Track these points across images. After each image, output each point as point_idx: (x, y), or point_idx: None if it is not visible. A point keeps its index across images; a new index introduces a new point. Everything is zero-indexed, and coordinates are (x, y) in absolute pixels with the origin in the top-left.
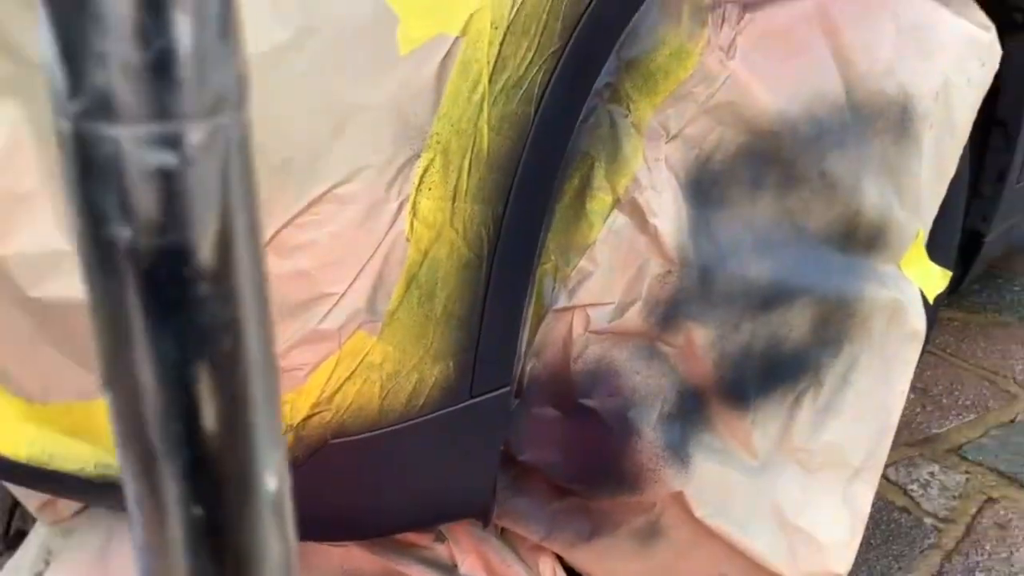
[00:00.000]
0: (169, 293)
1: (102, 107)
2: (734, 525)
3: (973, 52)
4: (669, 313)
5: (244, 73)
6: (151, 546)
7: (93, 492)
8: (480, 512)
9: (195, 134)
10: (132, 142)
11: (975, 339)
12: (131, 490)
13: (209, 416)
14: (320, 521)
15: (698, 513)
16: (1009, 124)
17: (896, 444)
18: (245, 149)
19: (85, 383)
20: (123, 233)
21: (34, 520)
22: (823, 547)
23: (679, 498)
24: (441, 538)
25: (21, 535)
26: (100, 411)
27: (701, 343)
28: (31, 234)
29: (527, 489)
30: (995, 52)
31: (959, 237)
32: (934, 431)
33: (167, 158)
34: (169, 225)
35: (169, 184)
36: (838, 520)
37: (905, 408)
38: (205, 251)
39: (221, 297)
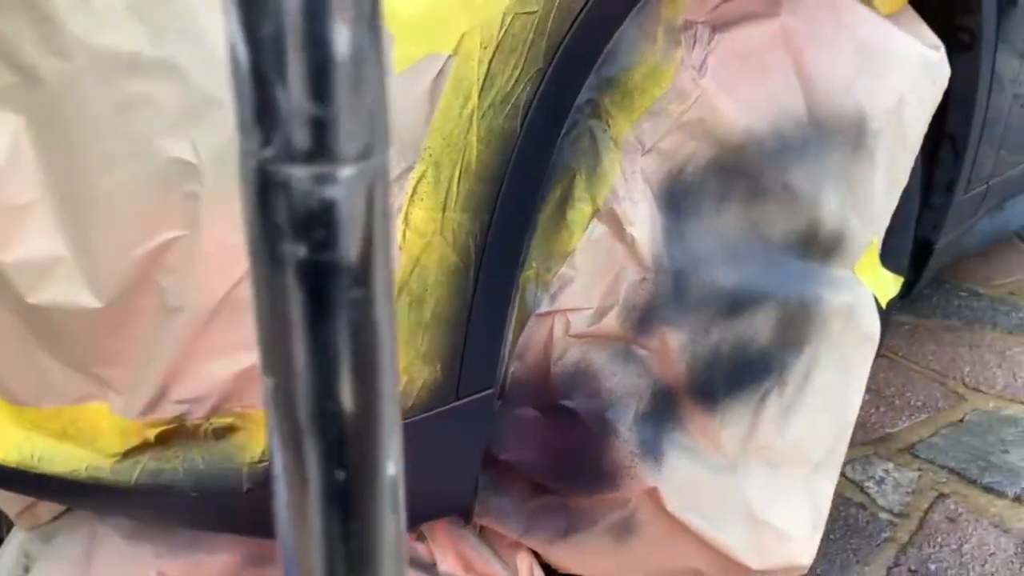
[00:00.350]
0: (326, 297)
1: (286, 154)
2: (705, 520)
3: (925, 71)
4: (645, 318)
5: (387, 126)
6: (292, 507)
7: (82, 494)
8: (462, 510)
9: (350, 172)
10: (306, 180)
11: (925, 342)
12: (279, 459)
13: (349, 401)
14: None
15: (671, 508)
16: (957, 138)
17: (852, 443)
18: (385, 182)
19: (78, 387)
20: (293, 250)
21: (9, 527)
22: (789, 540)
23: (653, 494)
24: (421, 537)
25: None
26: (92, 415)
27: (674, 346)
28: (31, 242)
29: (505, 488)
30: (944, 70)
31: (911, 245)
32: (888, 430)
33: (330, 191)
34: (329, 243)
35: (330, 212)
36: (802, 514)
37: (860, 409)
38: (354, 263)
39: (365, 301)
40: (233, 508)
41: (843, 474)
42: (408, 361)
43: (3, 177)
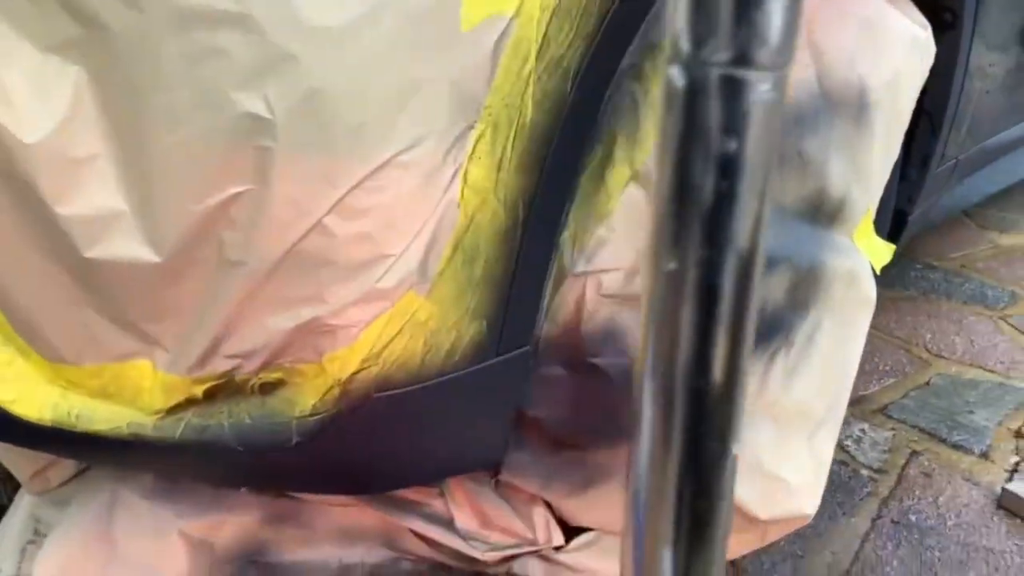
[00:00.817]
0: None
1: (730, 59)
2: None
3: (915, 48)
4: None
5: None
6: (653, 467)
7: (122, 452)
8: (492, 462)
9: (773, 78)
10: (747, 82)
11: (888, 312)
12: (648, 424)
13: (719, 378)
14: (360, 473)
15: None
16: (934, 114)
17: None
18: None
19: (122, 344)
20: (727, 145)
21: (11, 493)
22: (794, 492)
23: None
24: (437, 495)
25: None
26: (134, 372)
27: None
28: (90, 196)
29: (527, 443)
30: (931, 49)
31: (889, 215)
32: (861, 393)
33: (757, 95)
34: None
35: (750, 115)
36: (806, 467)
37: None
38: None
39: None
40: (279, 463)
41: None
42: (457, 318)
43: (64, 130)
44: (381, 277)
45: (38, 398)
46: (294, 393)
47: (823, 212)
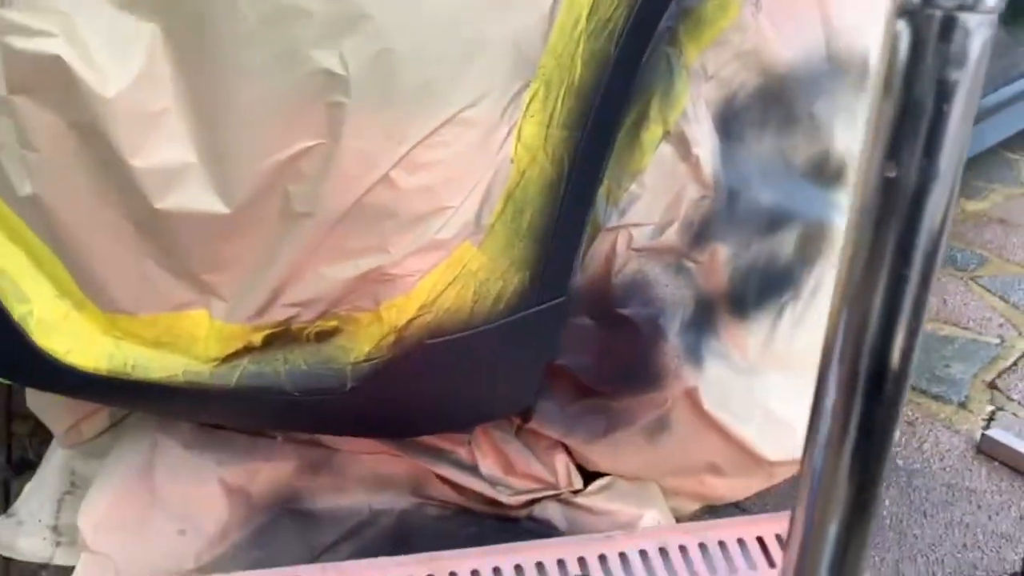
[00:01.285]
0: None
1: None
2: (733, 417)
3: None
4: (700, 233)
5: None
6: (830, 439)
7: (176, 400)
8: (524, 408)
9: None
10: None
11: None
12: (831, 399)
13: (896, 358)
14: (407, 416)
15: (706, 406)
16: None
17: None
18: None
19: (180, 295)
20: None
21: (36, 449)
22: (800, 435)
23: (693, 393)
24: (463, 442)
25: (25, 463)
26: (189, 322)
27: (723, 258)
28: (162, 149)
29: (551, 392)
30: None
31: None
32: None
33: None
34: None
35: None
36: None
37: None
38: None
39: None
40: (331, 407)
41: None
42: (504, 268)
43: (140, 85)
44: (440, 228)
45: (93, 349)
46: (349, 340)
47: (827, 172)
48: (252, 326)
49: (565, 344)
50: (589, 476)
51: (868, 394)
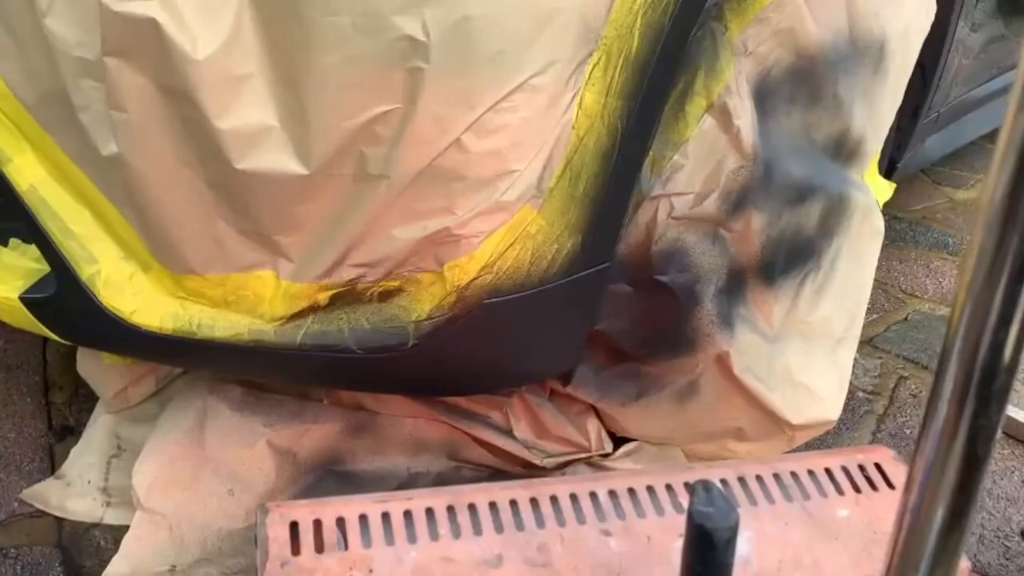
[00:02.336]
0: None
1: None
2: (759, 382)
3: (924, 4)
4: (738, 202)
5: None
6: (943, 432)
7: (240, 358)
8: (567, 370)
9: None
10: None
11: None
12: (943, 398)
13: (1007, 360)
14: (462, 375)
15: (736, 370)
16: (927, 66)
17: None
18: None
19: (249, 255)
20: None
21: (76, 416)
22: (821, 399)
23: (724, 358)
24: (497, 407)
25: (67, 429)
26: (255, 282)
27: (756, 227)
28: (246, 111)
29: (588, 356)
30: (934, 3)
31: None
32: None
33: None
34: None
35: None
36: (830, 378)
37: None
38: None
39: None
40: (392, 365)
41: None
42: (560, 231)
43: (227, 49)
44: (505, 191)
45: (159, 309)
46: (411, 300)
47: (844, 150)
48: (318, 286)
49: (604, 310)
50: (617, 442)
51: (980, 389)
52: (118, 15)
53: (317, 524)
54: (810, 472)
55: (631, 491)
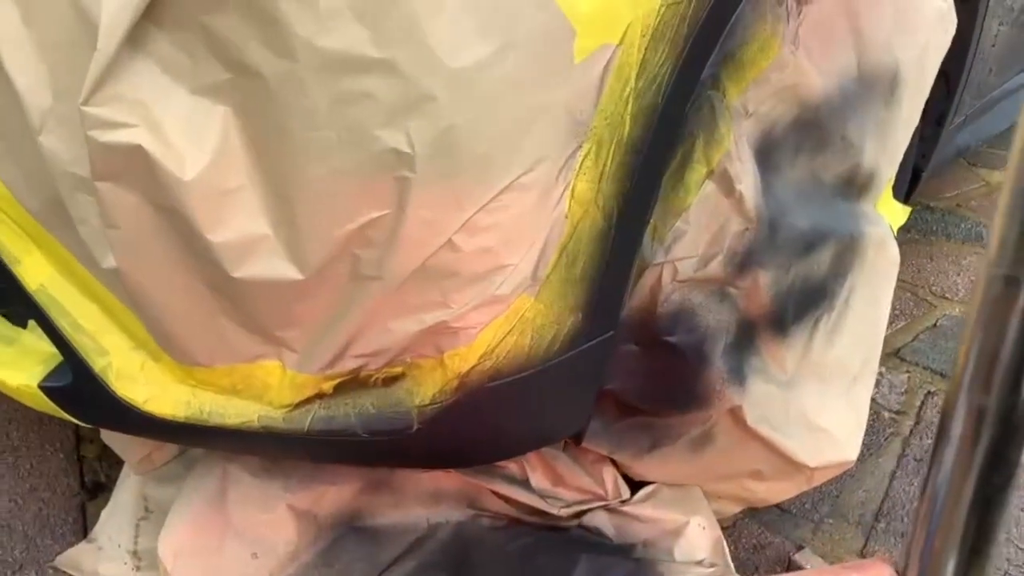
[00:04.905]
0: None
1: None
2: (773, 429)
3: (941, 22)
4: (743, 262)
5: None
6: (956, 465)
7: (252, 442)
8: (577, 432)
9: None
10: None
11: None
12: (961, 416)
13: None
14: (469, 450)
15: (749, 421)
16: (951, 76)
17: None
18: None
19: (254, 348)
20: None
21: (107, 472)
22: (838, 441)
23: (736, 411)
24: (515, 458)
25: (98, 486)
26: (262, 372)
27: (764, 284)
28: (238, 223)
29: (599, 413)
30: (953, 20)
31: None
32: None
33: None
34: None
35: None
36: (846, 418)
37: None
38: None
39: None
40: (398, 445)
41: None
42: (559, 312)
43: (215, 165)
44: (500, 285)
45: (170, 398)
46: (414, 385)
47: (855, 187)
48: (323, 376)
49: (613, 369)
50: (635, 483)
51: (998, 423)
52: (104, 145)
53: None
54: None
55: None
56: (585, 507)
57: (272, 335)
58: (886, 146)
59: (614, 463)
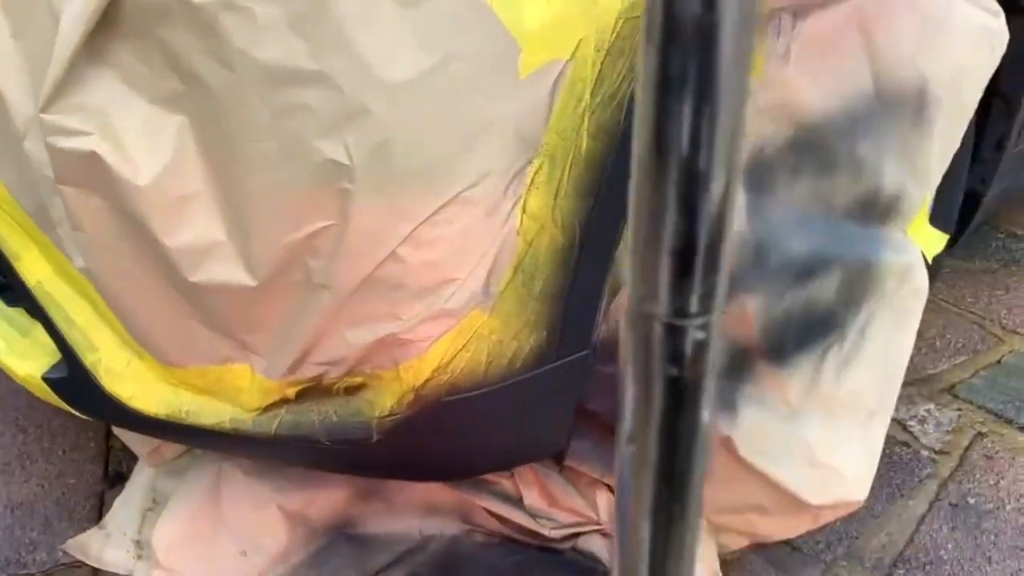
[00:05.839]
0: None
1: (671, 312)
2: (771, 463)
3: (985, 39)
4: (728, 286)
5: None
6: (635, 440)
7: (226, 442)
8: (556, 452)
9: (704, 322)
10: (684, 327)
11: (965, 285)
12: (631, 374)
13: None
14: (435, 464)
15: (742, 452)
16: (1010, 97)
17: None
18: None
19: (223, 351)
20: (667, 369)
21: (129, 463)
22: (846, 479)
23: (727, 442)
24: (507, 474)
25: (119, 476)
26: (234, 375)
27: (751, 311)
28: (193, 228)
29: (586, 432)
30: (1004, 36)
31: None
32: (929, 371)
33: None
34: (691, 366)
35: (692, 347)
36: (857, 456)
37: None
38: (699, 381)
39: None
40: (361, 454)
41: None
42: (518, 329)
43: (170, 172)
44: (448, 299)
45: (154, 395)
46: (374, 395)
47: (876, 210)
48: (286, 381)
49: (595, 390)
50: None
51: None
52: (62, 151)
53: None
54: None
55: None
56: (579, 530)
57: (237, 339)
58: (915, 168)
59: (610, 488)
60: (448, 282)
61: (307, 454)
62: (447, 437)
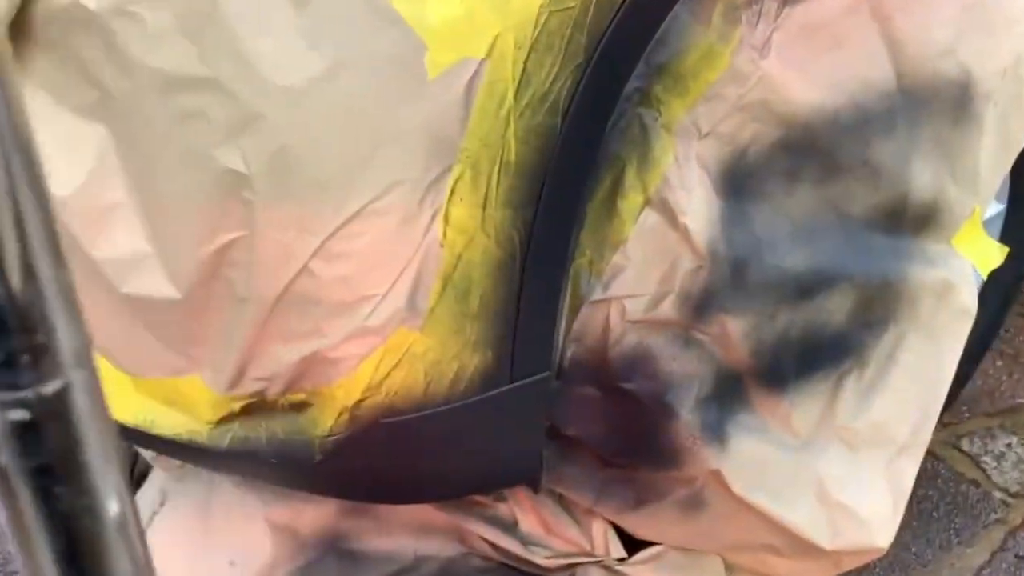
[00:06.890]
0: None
1: None
2: (771, 499)
3: None
4: (702, 305)
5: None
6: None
7: (185, 453)
8: (529, 480)
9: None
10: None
11: None
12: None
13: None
14: (381, 487)
15: (735, 488)
16: None
17: (975, 413)
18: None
19: (173, 362)
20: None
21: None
22: (865, 522)
23: (717, 476)
24: (502, 498)
25: (142, 476)
26: (188, 386)
27: (735, 332)
28: (119, 239)
29: (576, 458)
30: None
31: None
32: (1018, 400)
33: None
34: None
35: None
36: (881, 496)
37: (990, 375)
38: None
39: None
40: (308, 474)
41: (959, 447)
42: (457, 349)
43: (92, 182)
44: (369, 315)
45: (127, 403)
46: (316, 414)
47: (905, 221)
48: (231, 396)
49: (573, 414)
50: (641, 542)
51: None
52: None
53: None
54: None
55: None
56: (574, 560)
57: (184, 351)
58: (958, 171)
59: (608, 519)
60: (366, 298)
61: (260, 470)
62: (394, 459)
